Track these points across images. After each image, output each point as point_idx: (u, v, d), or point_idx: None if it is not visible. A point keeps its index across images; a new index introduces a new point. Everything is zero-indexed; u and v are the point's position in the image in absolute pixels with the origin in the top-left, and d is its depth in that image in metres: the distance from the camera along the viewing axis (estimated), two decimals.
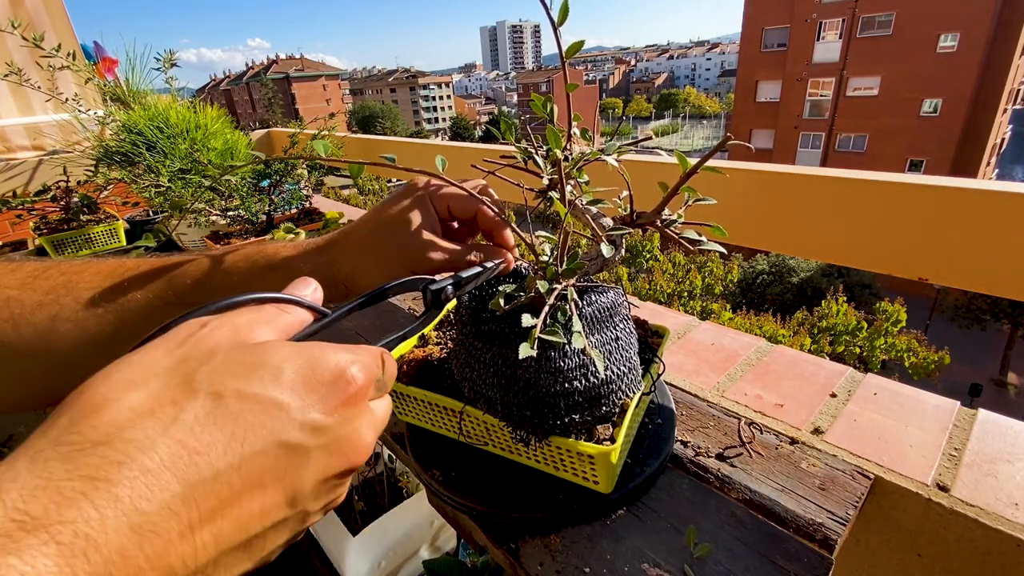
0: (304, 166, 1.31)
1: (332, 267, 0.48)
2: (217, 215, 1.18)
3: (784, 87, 24.24)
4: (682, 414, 0.65)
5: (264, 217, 1.22)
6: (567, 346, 0.45)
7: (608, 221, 0.49)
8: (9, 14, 1.72)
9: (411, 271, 0.46)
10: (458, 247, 0.48)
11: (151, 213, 1.74)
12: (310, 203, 1.37)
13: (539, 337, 0.40)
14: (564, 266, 0.46)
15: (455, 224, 0.53)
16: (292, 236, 1.02)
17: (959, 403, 0.63)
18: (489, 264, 0.48)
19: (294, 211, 1.32)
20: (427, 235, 0.47)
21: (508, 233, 0.51)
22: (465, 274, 0.45)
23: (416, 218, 0.48)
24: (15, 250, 1.58)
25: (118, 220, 1.64)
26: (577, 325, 0.42)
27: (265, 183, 1.20)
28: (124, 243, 1.62)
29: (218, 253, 0.50)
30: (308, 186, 1.41)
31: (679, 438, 0.60)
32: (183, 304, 0.46)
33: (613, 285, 0.52)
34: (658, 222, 0.47)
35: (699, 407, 0.66)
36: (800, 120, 24.08)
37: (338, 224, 1.14)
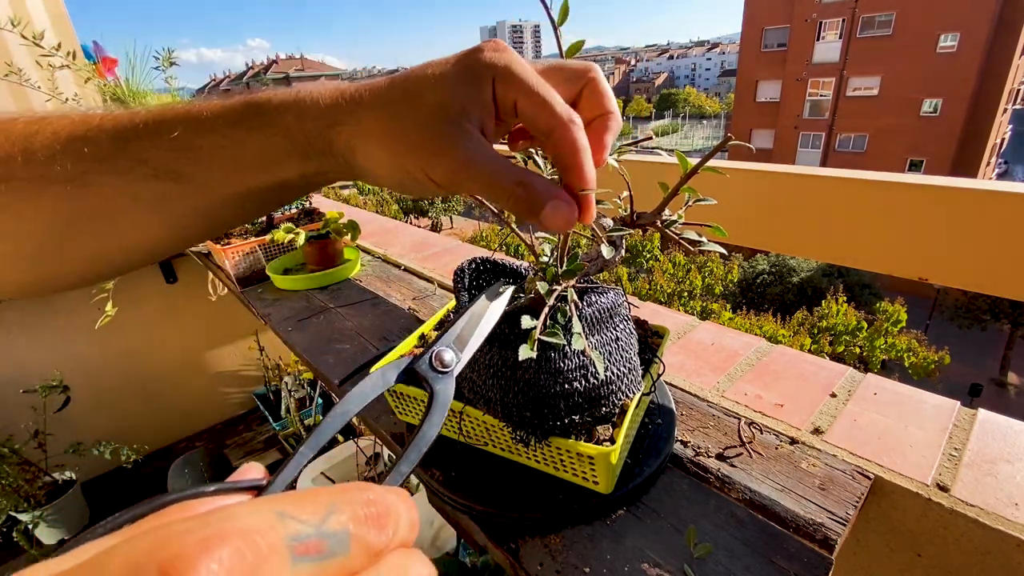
0: None
1: (332, 129, 0.34)
2: None
3: (784, 87, 24.24)
4: (682, 414, 0.65)
5: (264, 217, 1.23)
6: (567, 347, 0.45)
7: (608, 221, 0.49)
8: (9, 12, 1.72)
9: (430, 180, 0.34)
10: (505, 173, 0.33)
11: None
12: (310, 203, 1.37)
13: (539, 338, 0.40)
14: (564, 267, 0.46)
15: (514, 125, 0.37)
16: (292, 236, 1.02)
17: (959, 403, 0.63)
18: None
19: (294, 211, 1.32)
20: (465, 143, 0.32)
21: (589, 173, 0.34)
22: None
23: (457, 109, 0.32)
24: None
25: None
26: (577, 326, 0.42)
27: None
28: None
29: (194, 108, 0.35)
30: None
31: (679, 438, 0.60)
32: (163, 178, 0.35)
33: (613, 286, 0.52)
34: (658, 222, 0.47)
35: (699, 407, 0.66)
36: (800, 120, 24.08)
37: (338, 224, 1.14)
